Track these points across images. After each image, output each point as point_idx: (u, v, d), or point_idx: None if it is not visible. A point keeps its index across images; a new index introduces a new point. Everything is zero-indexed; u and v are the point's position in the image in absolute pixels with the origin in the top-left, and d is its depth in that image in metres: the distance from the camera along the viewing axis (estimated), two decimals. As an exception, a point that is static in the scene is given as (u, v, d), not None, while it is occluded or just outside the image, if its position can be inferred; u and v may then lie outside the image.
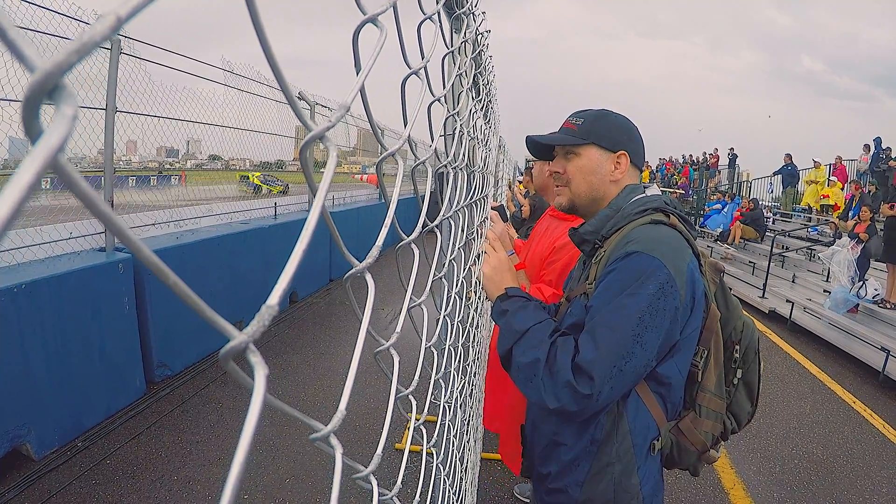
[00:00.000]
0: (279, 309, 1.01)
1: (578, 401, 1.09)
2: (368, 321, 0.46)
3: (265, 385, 0.27)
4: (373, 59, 0.42)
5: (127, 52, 4.31)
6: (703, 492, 3.49)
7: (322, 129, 0.34)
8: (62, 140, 0.16)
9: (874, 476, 3.82)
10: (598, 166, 1.40)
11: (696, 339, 1.27)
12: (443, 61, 0.94)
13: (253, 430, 0.25)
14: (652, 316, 1.12)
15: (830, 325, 7.19)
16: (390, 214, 0.51)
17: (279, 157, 8.20)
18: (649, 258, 1.15)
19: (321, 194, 0.32)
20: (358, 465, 0.50)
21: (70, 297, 3.61)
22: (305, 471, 3.43)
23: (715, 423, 1.33)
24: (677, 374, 1.25)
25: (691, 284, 1.19)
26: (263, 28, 0.28)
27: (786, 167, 15.75)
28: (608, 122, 1.41)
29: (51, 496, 3.05)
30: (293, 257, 0.30)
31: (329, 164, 0.35)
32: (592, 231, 1.35)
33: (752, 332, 1.42)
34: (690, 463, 1.36)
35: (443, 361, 1.03)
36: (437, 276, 0.90)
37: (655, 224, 1.24)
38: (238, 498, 0.97)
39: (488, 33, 1.54)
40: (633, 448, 1.25)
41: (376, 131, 0.52)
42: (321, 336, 6.06)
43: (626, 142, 1.39)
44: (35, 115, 0.16)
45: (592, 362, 1.09)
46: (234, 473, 0.24)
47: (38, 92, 0.16)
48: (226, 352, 0.26)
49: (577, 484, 1.29)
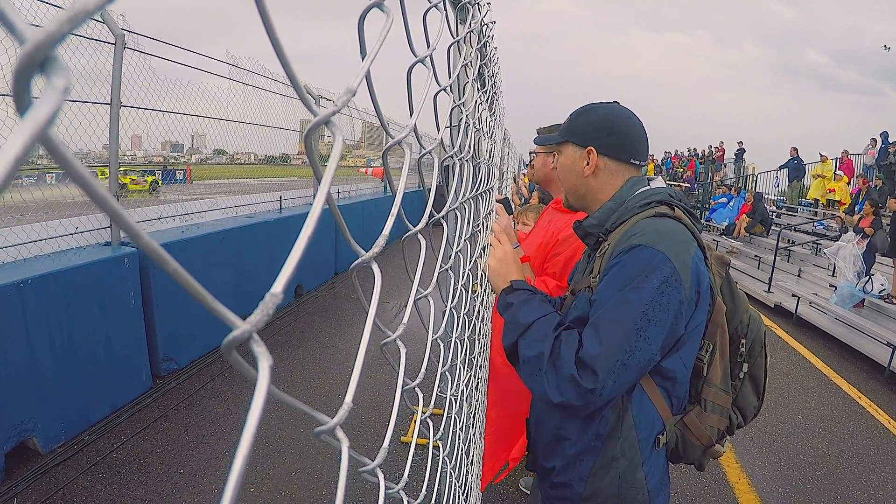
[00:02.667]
0: (285, 299, 1.01)
1: (582, 395, 1.09)
2: (375, 312, 0.45)
3: (269, 376, 0.26)
4: (379, 42, 0.41)
5: (131, 47, 4.30)
6: (709, 485, 3.48)
7: (328, 113, 0.33)
8: (52, 113, 0.15)
9: (879, 471, 3.81)
10: (573, 163, 1.41)
11: (701, 333, 1.27)
12: (448, 51, 0.93)
13: (257, 421, 0.25)
14: (656, 310, 1.11)
15: (836, 320, 7.15)
16: (397, 203, 0.50)
17: (284, 150, 8.20)
18: (653, 252, 1.14)
19: (327, 180, 0.31)
20: (364, 458, 0.50)
21: (76, 291, 3.62)
22: (312, 464, 3.44)
23: (721, 417, 1.32)
24: (682, 368, 1.24)
25: (696, 278, 1.18)
26: (268, 11, 0.27)
27: (792, 161, 15.66)
28: (583, 117, 1.40)
29: (58, 490, 3.07)
30: (298, 243, 0.29)
31: (335, 149, 0.34)
32: (596, 224, 1.34)
33: (759, 325, 1.41)
34: (696, 457, 1.36)
35: (449, 354, 1.02)
36: (444, 267, 0.89)
37: (660, 217, 1.22)
38: (245, 491, 0.97)
39: (493, 24, 1.52)
40: (638, 443, 1.24)
41: (381, 118, 0.51)
42: (326, 329, 6.07)
43: (596, 136, 1.37)
44: (25, 87, 0.15)
45: (596, 357, 1.08)
46: (237, 465, 0.23)
47: (28, 64, 0.15)
48: (229, 342, 0.25)
49: (581, 478, 1.29)
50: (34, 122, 0.15)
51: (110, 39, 4.09)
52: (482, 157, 1.65)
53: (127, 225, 0.20)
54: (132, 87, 4.39)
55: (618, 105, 1.43)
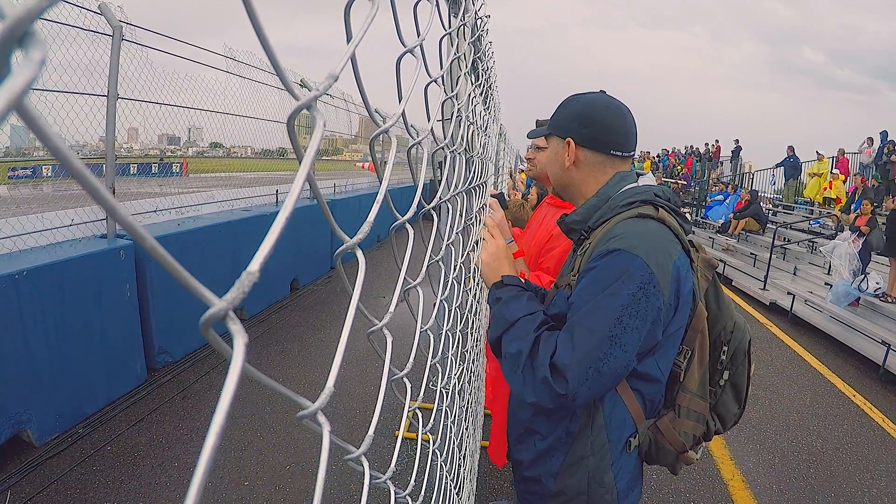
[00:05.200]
0: (280, 293, 0.98)
1: (554, 399, 1.09)
2: (358, 299, 0.46)
3: (244, 353, 0.26)
4: (364, 29, 0.41)
5: (129, 39, 4.28)
6: (702, 482, 3.50)
7: (309, 97, 0.33)
8: (28, 82, 0.16)
9: (872, 469, 3.83)
10: (556, 155, 1.40)
11: (680, 338, 1.25)
12: (440, 43, 0.93)
13: (231, 396, 0.25)
14: (632, 317, 1.09)
15: (831, 319, 7.18)
16: (383, 189, 0.51)
17: (281, 144, 8.18)
18: (631, 256, 1.11)
19: (307, 161, 0.32)
20: (349, 445, 0.50)
21: (71, 283, 3.62)
22: (306, 457, 3.44)
23: (696, 423, 1.30)
24: (657, 371, 1.23)
25: (676, 283, 1.16)
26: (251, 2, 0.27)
27: (788, 159, 15.70)
28: (565, 109, 1.39)
29: (51, 482, 3.07)
30: (276, 222, 0.29)
31: (315, 133, 0.34)
32: (580, 221, 1.32)
33: (743, 333, 1.37)
34: (668, 462, 1.34)
35: (440, 346, 1.03)
36: (434, 258, 0.90)
37: (642, 218, 1.19)
38: (240, 485, 0.98)
39: (488, 18, 1.52)
40: (609, 443, 1.24)
41: (367, 103, 0.51)
42: (322, 323, 6.06)
43: (573, 128, 1.34)
44: (5, 62, 0.16)
45: (568, 365, 1.07)
46: (209, 443, 0.23)
47: (8, 39, 0.16)
48: (206, 319, 0.26)
49: (550, 475, 1.29)
50: (9, 91, 0.15)
51: (108, 31, 4.08)
52: (475, 150, 1.65)
53: (103, 197, 0.20)
54: (129, 80, 4.38)
55: (603, 95, 1.39)
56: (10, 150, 5.28)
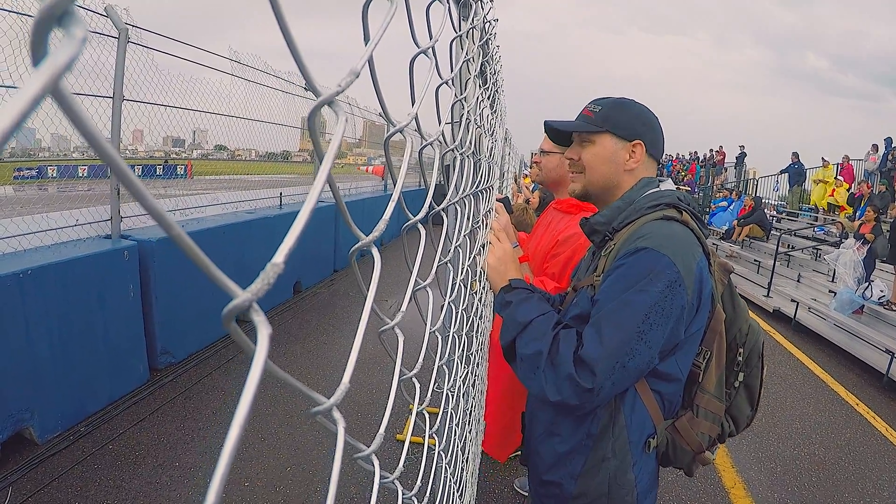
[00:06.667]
0: (283, 295, 0.99)
1: (580, 394, 1.09)
2: (374, 295, 0.46)
3: (268, 345, 0.26)
4: (383, 28, 0.41)
5: (135, 41, 4.30)
6: (704, 490, 3.48)
7: (331, 93, 0.33)
8: (71, 59, 0.16)
9: (875, 479, 3.81)
10: (613, 155, 1.37)
11: (699, 339, 1.27)
12: (450, 46, 0.94)
13: (255, 387, 0.25)
14: (658, 314, 1.11)
15: (835, 326, 7.15)
16: (398, 189, 0.51)
17: (285, 147, 8.20)
18: (659, 255, 1.14)
19: (329, 157, 0.32)
20: (360, 444, 0.50)
21: (75, 283, 3.63)
22: (307, 459, 3.44)
23: (712, 424, 1.32)
24: (678, 372, 1.24)
25: (699, 284, 1.18)
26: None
27: (793, 166, 15.66)
28: (626, 110, 1.37)
29: (52, 480, 3.07)
30: (301, 215, 0.29)
31: (338, 129, 0.34)
32: (604, 222, 1.33)
33: (758, 335, 1.40)
34: (685, 463, 1.35)
35: (447, 348, 1.03)
36: (443, 260, 0.90)
37: (667, 220, 1.22)
38: (239, 486, 0.98)
39: (496, 22, 1.52)
40: (629, 444, 1.24)
41: (383, 103, 0.51)
42: (324, 326, 6.07)
43: (643, 131, 1.36)
44: (43, 40, 0.16)
45: (596, 358, 1.08)
46: (233, 434, 0.23)
47: (47, 17, 0.16)
48: (229, 310, 0.26)
49: (571, 477, 1.29)
50: (52, 67, 0.16)
51: (114, 34, 4.10)
52: (483, 153, 1.66)
53: (132, 183, 0.21)
54: (134, 82, 4.39)
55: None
56: (16, 151, 5.30)
